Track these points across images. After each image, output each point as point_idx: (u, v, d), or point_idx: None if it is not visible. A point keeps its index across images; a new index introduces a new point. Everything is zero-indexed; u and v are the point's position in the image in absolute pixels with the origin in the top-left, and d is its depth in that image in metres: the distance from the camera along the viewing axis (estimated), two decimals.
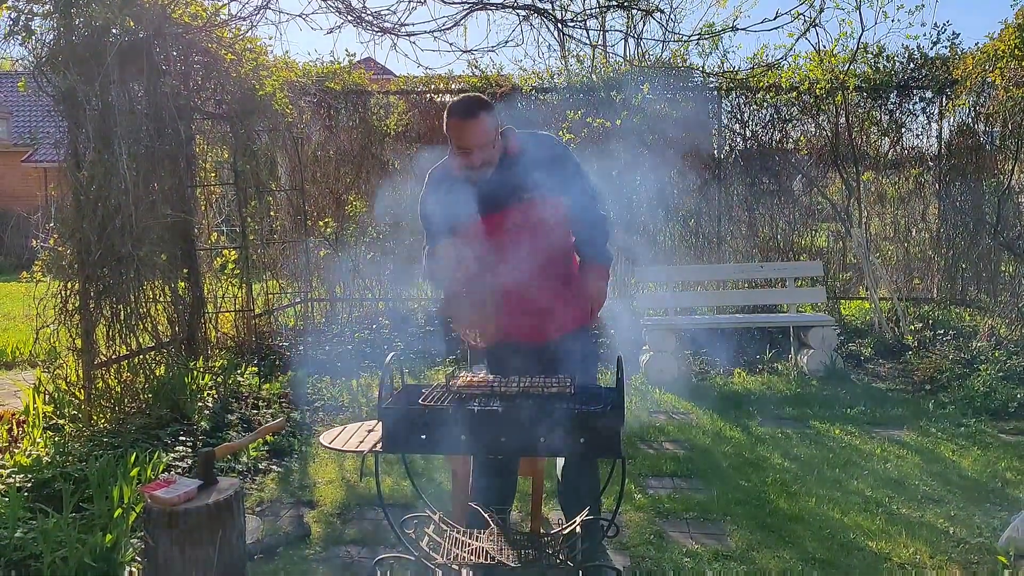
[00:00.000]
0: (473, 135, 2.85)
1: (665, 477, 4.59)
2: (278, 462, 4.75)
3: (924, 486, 4.40)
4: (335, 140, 8.81)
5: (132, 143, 5.14)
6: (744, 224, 8.57)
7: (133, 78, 5.31)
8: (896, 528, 3.84)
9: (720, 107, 8.50)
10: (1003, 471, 4.58)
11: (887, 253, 8.57)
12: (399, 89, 8.84)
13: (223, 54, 6.19)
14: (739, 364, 7.19)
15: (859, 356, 7.32)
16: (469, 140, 2.86)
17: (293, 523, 3.89)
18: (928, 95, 8.23)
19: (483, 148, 2.87)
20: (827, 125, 8.20)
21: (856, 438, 5.23)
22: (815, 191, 8.46)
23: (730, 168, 8.59)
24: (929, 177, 8.39)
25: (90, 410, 4.87)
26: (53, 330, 4.93)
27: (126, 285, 5.18)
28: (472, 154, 2.88)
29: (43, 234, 5.23)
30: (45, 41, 4.84)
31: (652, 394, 6.32)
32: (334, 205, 8.76)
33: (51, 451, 4.19)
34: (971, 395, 5.87)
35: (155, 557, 3.03)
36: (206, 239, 6.78)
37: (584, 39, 8.80)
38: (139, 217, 5.11)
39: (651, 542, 3.71)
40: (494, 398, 2.62)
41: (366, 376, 6.73)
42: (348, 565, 3.49)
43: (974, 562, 3.51)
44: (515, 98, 8.46)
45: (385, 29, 5.27)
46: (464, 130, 2.85)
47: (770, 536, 3.78)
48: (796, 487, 4.38)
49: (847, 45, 7.87)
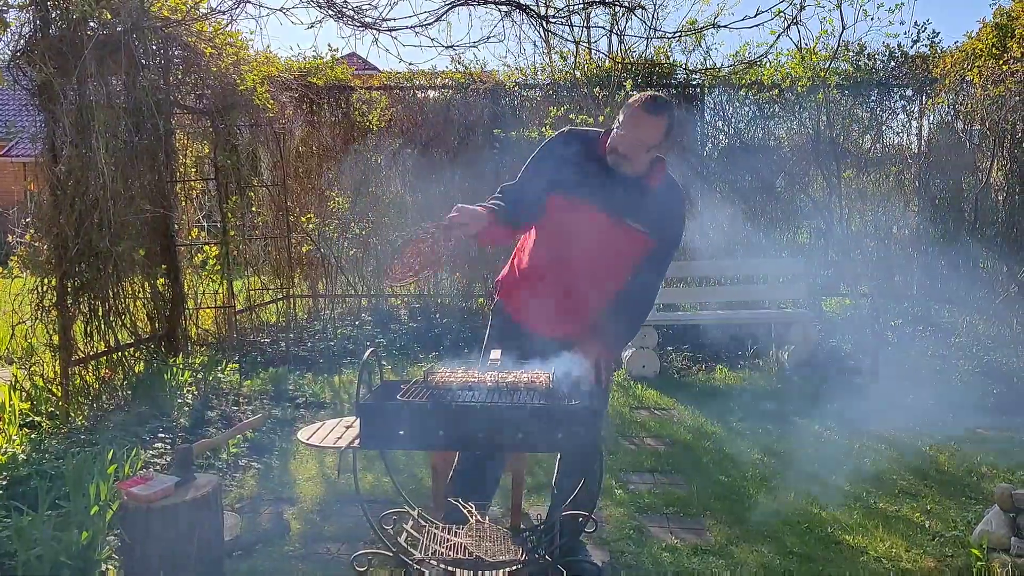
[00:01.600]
0: (647, 131, 2.85)
1: (645, 472, 4.60)
2: (258, 459, 4.72)
3: (901, 480, 4.45)
4: (317, 135, 8.76)
5: (110, 138, 5.09)
6: (726, 220, 8.60)
7: (111, 72, 5.25)
8: (873, 522, 3.88)
9: (703, 104, 8.52)
10: (978, 466, 4.63)
11: (867, 250, 8.63)
12: (382, 85, 8.81)
13: (203, 48, 6.14)
14: (720, 360, 7.23)
15: (839, 352, 7.37)
16: (639, 134, 2.85)
17: (272, 520, 3.87)
18: (908, 93, 8.29)
19: (642, 146, 2.87)
20: (809, 123, 8.25)
21: (835, 433, 5.27)
22: (797, 188, 8.50)
23: (712, 165, 8.62)
24: (909, 174, 8.46)
25: (67, 407, 4.83)
26: (30, 326, 4.88)
27: (104, 281, 5.14)
28: (633, 147, 2.87)
29: (19, 229, 5.17)
30: (21, 33, 4.78)
31: (634, 390, 6.34)
32: (316, 201, 8.71)
33: (27, 448, 4.15)
34: (949, 390, 5.92)
35: (132, 554, 3.01)
36: (186, 235, 6.73)
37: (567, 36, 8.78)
38: (117, 212, 5.06)
39: (631, 537, 3.73)
40: (472, 393, 2.61)
41: (348, 373, 6.71)
42: (327, 562, 3.48)
43: (948, 555, 3.56)
44: (498, 94, 8.45)
45: (366, 24, 5.25)
46: (643, 122, 2.85)
47: (749, 531, 3.81)
48: (775, 482, 4.42)
49: (828, 43, 7.91)
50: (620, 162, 2.92)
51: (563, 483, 3.27)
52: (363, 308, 8.76)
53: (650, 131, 2.85)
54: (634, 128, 2.86)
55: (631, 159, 2.90)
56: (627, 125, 2.88)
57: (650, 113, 2.84)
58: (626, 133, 2.88)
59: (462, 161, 8.38)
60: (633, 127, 2.86)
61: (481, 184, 8.47)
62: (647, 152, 2.89)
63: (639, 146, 2.87)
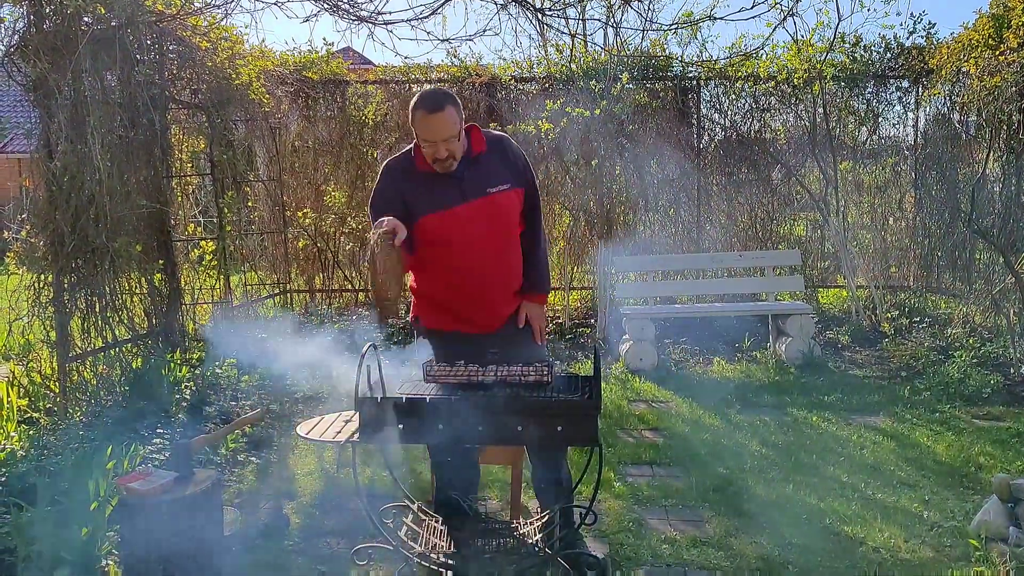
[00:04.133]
0: (439, 128, 2.85)
1: (644, 465, 4.61)
2: (257, 454, 4.72)
3: (899, 471, 4.46)
4: (313, 130, 8.74)
5: (106, 133, 5.07)
6: (723, 213, 8.61)
7: (106, 67, 5.23)
8: (871, 513, 3.89)
9: (699, 97, 8.51)
10: (976, 456, 4.65)
11: (864, 242, 8.64)
12: (378, 79, 8.78)
13: (198, 42, 6.12)
14: (718, 352, 7.23)
15: (836, 344, 7.39)
16: (435, 134, 2.85)
17: (272, 514, 3.87)
18: (905, 84, 8.30)
19: (448, 142, 2.88)
20: (805, 115, 8.25)
21: (833, 425, 5.28)
22: (793, 180, 8.50)
23: (709, 157, 8.62)
24: (906, 166, 8.46)
25: (65, 403, 4.83)
26: (27, 323, 4.87)
27: (101, 277, 5.13)
28: (438, 147, 2.88)
29: (15, 226, 5.16)
30: (15, 29, 4.76)
31: (631, 383, 6.34)
32: (313, 196, 8.70)
33: (26, 445, 4.15)
34: (946, 381, 5.94)
35: (131, 550, 3.01)
36: (183, 230, 6.71)
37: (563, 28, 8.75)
38: (113, 208, 5.05)
39: (629, 529, 3.73)
40: (471, 387, 2.61)
41: (346, 367, 6.69)
42: (327, 556, 3.49)
43: (947, 545, 3.57)
44: (494, 88, 8.43)
45: (362, 17, 5.24)
46: (431, 123, 2.85)
47: (747, 522, 3.82)
48: (773, 474, 4.42)
49: (824, 35, 7.91)
50: (448, 165, 2.93)
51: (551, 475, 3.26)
52: (360, 303, 8.75)
53: (440, 126, 2.84)
54: (426, 132, 2.87)
55: (446, 153, 2.89)
56: (425, 134, 2.88)
57: (430, 112, 2.84)
58: (425, 140, 2.89)
59: None
60: (430, 133, 2.86)
61: None
62: (451, 141, 2.88)
63: (443, 144, 2.87)
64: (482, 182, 3.00)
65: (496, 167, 3.04)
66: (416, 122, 2.89)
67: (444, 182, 2.98)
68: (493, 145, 3.08)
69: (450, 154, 2.91)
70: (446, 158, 2.91)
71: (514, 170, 3.08)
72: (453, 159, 2.93)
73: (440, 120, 2.84)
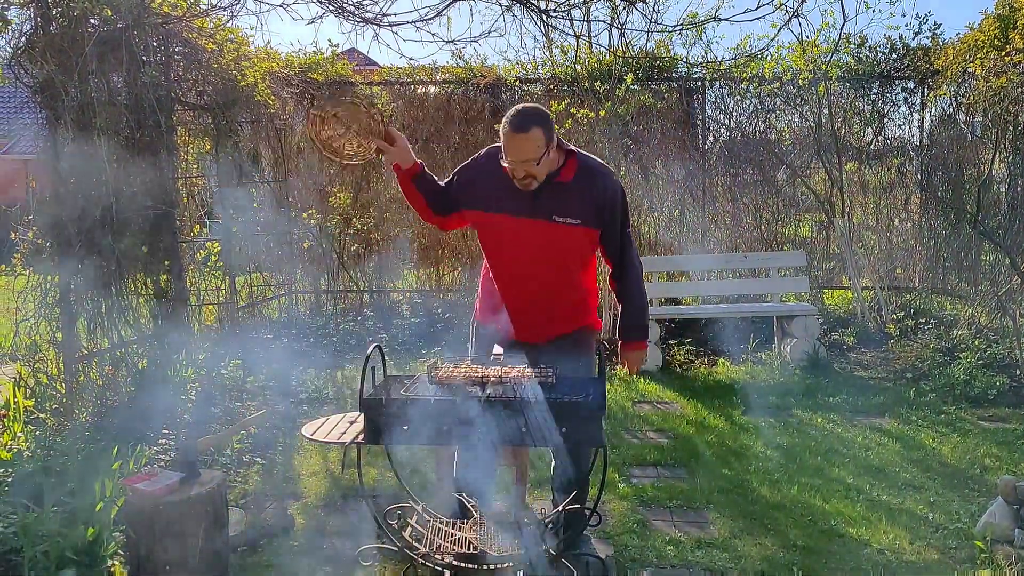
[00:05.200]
0: (520, 150, 2.82)
1: (648, 466, 4.61)
2: (262, 455, 4.74)
3: (904, 473, 4.45)
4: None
5: (112, 134, 5.08)
6: (728, 214, 8.60)
7: (112, 69, 5.24)
8: (876, 515, 3.89)
9: (704, 98, 8.50)
10: (982, 458, 4.64)
11: (869, 243, 8.62)
12: (383, 80, 8.79)
13: (204, 44, 6.13)
14: (723, 354, 7.23)
15: (842, 345, 7.38)
16: (515, 154, 2.83)
17: (277, 515, 3.88)
18: (910, 85, 8.27)
19: (527, 164, 2.84)
20: (810, 116, 8.23)
21: (838, 426, 5.27)
22: (798, 181, 8.49)
23: (714, 159, 8.61)
24: (911, 167, 8.44)
25: (72, 404, 4.84)
26: (33, 324, 4.89)
27: (107, 278, 5.14)
28: (516, 167, 2.85)
29: (22, 227, 5.17)
30: (23, 31, 4.78)
31: (636, 384, 6.34)
32: (318, 197, 8.71)
33: (32, 445, 4.16)
34: (951, 383, 5.92)
35: (137, 550, 3.02)
36: (188, 231, 6.72)
37: (568, 30, 8.74)
38: (120, 209, 5.06)
39: (634, 531, 3.73)
40: (475, 388, 2.62)
41: (351, 368, 6.71)
42: (332, 557, 3.49)
43: (952, 547, 3.56)
44: (499, 89, 8.44)
45: (367, 19, 5.24)
46: (512, 143, 2.83)
47: (752, 524, 3.82)
48: (778, 475, 4.42)
49: (829, 36, 7.90)
50: (527, 184, 2.91)
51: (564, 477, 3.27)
52: (365, 304, 8.76)
53: (528, 148, 2.81)
54: (513, 152, 2.84)
55: (532, 176, 2.87)
56: (507, 152, 2.87)
57: (519, 132, 2.81)
58: (510, 160, 2.86)
59: (463, 156, 8.34)
60: (512, 152, 2.85)
61: None
62: (539, 164, 2.85)
63: (524, 164, 2.84)
64: (551, 208, 2.95)
65: (573, 201, 2.96)
66: (503, 140, 2.86)
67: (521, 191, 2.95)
68: (582, 179, 2.99)
69: (528, 175, 2.86)
70: (524, 177, 2.88)
71: (594, 210, 2.99)
72: (533, 180, 2.89)
73: (522, 142, 2.81)
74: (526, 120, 2.81)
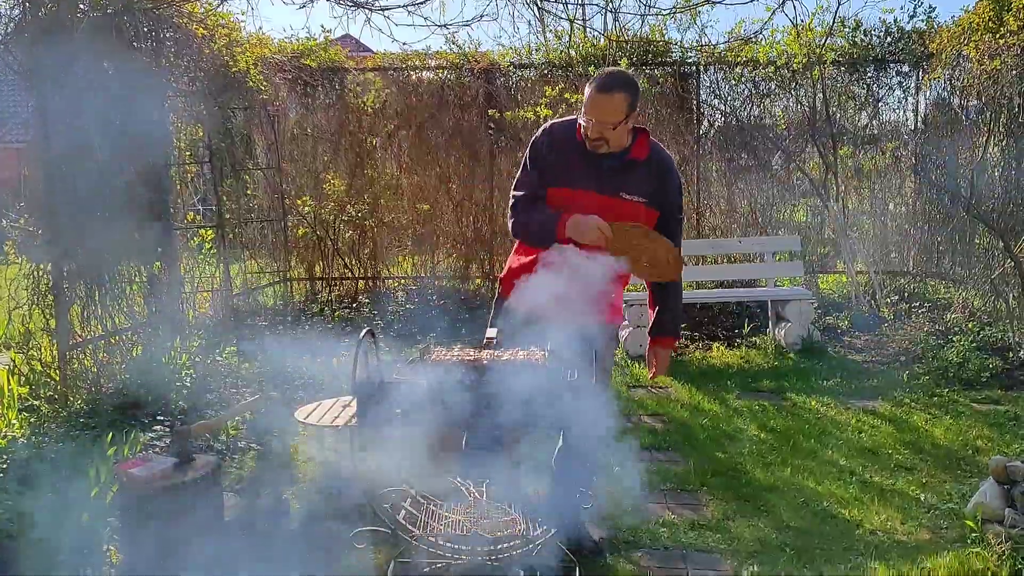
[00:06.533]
0: (602, 109, 2.84)
1: (643, 450, 4.63)
2: (257, 440, 4.74)
3: (897, 455, 4.48)
4: (312, 118, 8.71)
5: (103, 121, 5.06)
6: (723, 199, 8.60)
7: (103, 55, 5.21)
8: (869, 496, 3.91)
9: (699, 82, 8.48)
10: (974, 439, 4.66)
11: (864, 227, 8.63)
12: (376, 66, 8.74)
13: (195, 29, 6.09)
14: (717, 338, 7.24)
15: (836, 329, 7.40)
16: (597, 113, 2.85)
17: (272, 500, 3.89)
18: (905, 69, 8.25)
19: (604, 126, 2.86)
20: (805, 100, 8.21)
21: (832, 409, 5.29)
22: (793, 166, 8.48)
23: (709, 143, 8.60)
24: (906, 151, 8.43)
25: (66, 391, 4.83)
26: (27, 311, 4.88)
27: (100, 265, 5.13)
28: (592, 126, 2.87)
29: (14, 214, 5.15)
30: (11, 16, 4.74)
31: (631, 368, 6.35)
32: (312, 183, 8.69)
33: (27, 432, 4.16)
34: (944, 366, 5.95)
35: (132, 536, 3.03)
36: (182, 219, 6.71)
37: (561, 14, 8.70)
38: (112, 196, 5.04)
39: (628, 513, 3.75)
40: (467, 371, 2.62)
41: (346, 354, 6.70)
42: (327, 540, 3.50)
43: (943, 527, 3.59)
44: (493, 74, 8.40)
45: (358, 3, 5.21)
46: (596, 101, 2.85)
47: (745, 506, 3.84)
48: (772, 458, 4.44)
49: (824, 19, 7.86)
50: (597, 145, 2.93)
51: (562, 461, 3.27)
52: (360, 290, 8.76)
53: (609, 110, 2.84)
54: (593, 111, 2.87)
55: (605, 140, 2.90)
56: (587, 109, 2.89)
57: (603, 92, 2.84)
58: (588, 117, 2.89)
59: (457, 142, 8.36)
60: (592, 110, 2.87)
61: (476, 165, 8.46)
62: (615, 130, 2.87)
63: (603, 126, 2.86)
64: (621, 184, 2.98)
65: (642, 179, 3.00)
66: (588, 98, 2.88)
67: (590, 164, 2.97)
68: (653, 161, 3.03)
69: (602, 137, 2.89)
70: (597, 138, 2.90)
71: (658, 192, 3.03)
72: (605, 143, 2.91)
73: (606, 102, 2.83)
74: (615, 81, 2.86)
